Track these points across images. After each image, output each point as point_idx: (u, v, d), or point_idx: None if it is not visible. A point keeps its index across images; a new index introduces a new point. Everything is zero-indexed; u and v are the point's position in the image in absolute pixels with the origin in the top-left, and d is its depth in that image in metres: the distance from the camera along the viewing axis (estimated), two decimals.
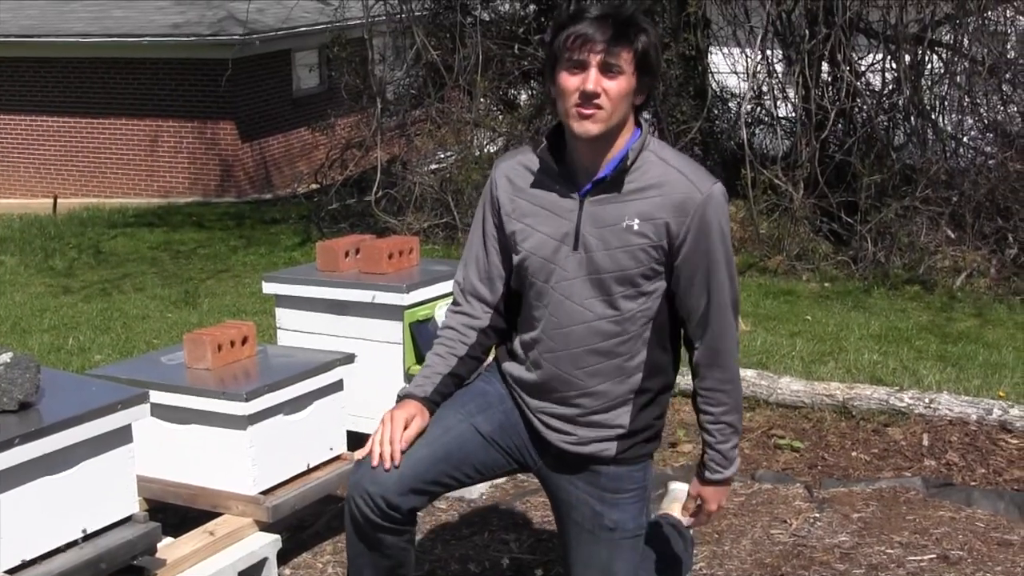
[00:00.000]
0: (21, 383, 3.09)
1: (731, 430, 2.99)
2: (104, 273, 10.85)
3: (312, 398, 3.95)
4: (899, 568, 3.93)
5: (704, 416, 2.99)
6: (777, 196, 10.23)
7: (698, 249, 2.81)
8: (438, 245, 10.69)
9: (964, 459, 4.88)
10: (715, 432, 2.98)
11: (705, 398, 2.97)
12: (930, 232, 9.80)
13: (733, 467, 3.03)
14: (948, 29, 10.90)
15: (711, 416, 2.97)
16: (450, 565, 4.05)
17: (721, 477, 3.02)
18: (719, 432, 2.98)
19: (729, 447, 2.99)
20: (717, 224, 2.81)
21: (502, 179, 2.99)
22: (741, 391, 3.02)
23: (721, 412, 2.97)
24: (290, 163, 18.27)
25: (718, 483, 3.03)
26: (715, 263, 2.83)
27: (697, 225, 2.79)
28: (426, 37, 11.68)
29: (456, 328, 3.05)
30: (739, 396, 3.00)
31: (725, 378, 2.95)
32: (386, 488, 2.85)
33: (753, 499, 4.55)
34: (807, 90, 10.37)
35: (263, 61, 17.71)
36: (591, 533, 2.99)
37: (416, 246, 4.79)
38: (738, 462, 3.06)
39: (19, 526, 3.00)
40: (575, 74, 2.75)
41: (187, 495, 3.87)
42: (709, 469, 3.01)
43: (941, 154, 10.62)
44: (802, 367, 6.35)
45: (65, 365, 6.88)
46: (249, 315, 8.10)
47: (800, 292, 9.08)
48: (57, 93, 18.20)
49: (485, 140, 11.89)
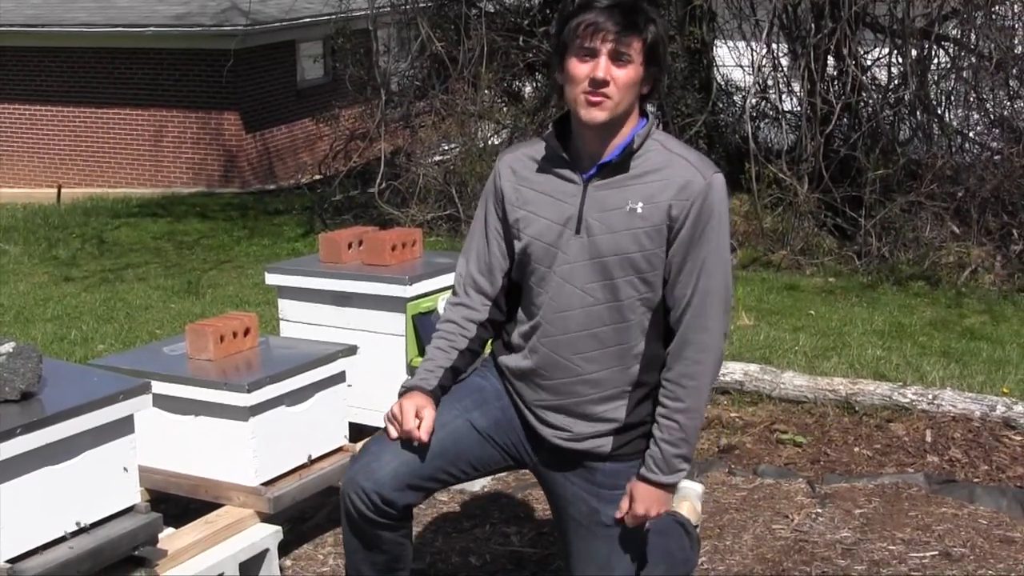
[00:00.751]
0: (23, 373, 3.09)
1: (680, 433, 2.84)
2: (107, 263, 10.84)
3: (314, 390, 3.95)
4: (901, 564, 3.93)
5: (659, 409, 2.86)
6: (781, 190, 10.21)
7: (695, 233, 2.79)
8: (441, 237, 10.68)
9: (967, 456, 4.87)
10: (663, 427, 2.85)
11: (665, 389, 2.86)
12: (935, 228, 9.77)
13: (671, 476, 2.86)
14: (955, 24, 10.87)
15: (664, 410, 2.85)
16: (451, 558, 4.04)
17: (655, 479, 2.85)
18: (667, 429, 2.84)
19: (673, 452, 2.84)
20: (718, 212, 2.80)
21: (506, 169, 3.00)
22: (704, 400, 2.88)
23: (675, 408, 2.84)
24: (294, 154, 18.26)
25: (651, 483, 2.86)
26: (710, 250, 2.80)
27: (698, 209, 2.78)
28: (431, 28, 11.67)
29: (456, 321, 3.05)
30: (700, 401, 2.86)
31: (688, 372, 2.83)
32: (381, 484, 2.85)
33: (755, 494, 4.54)
34: (812, 84, 10.34)
35: (267, 52, 17.71)
36: (588, 529, 2.98)
37: (419, 238, 4.78)
38: (680, 476, 2.88)
39: (20, 516, 3.00)
40: (585, 61, 2.77)
41: (188, 486, 3.87)
42: (646, 466, 2.87)
43: (947, 149, 10.59)
44: (805, 362, 6.34)
45: (68, 355, 6.88)
46: (252, 306, 8.10)
47: (804, 287, 9.06)
48: (61, 83, 18.21)
49: (489, 132, 11.88)
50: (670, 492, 2.91)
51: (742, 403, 5.50)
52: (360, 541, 2.96)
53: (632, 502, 2.88)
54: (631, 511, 2.89)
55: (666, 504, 2.92)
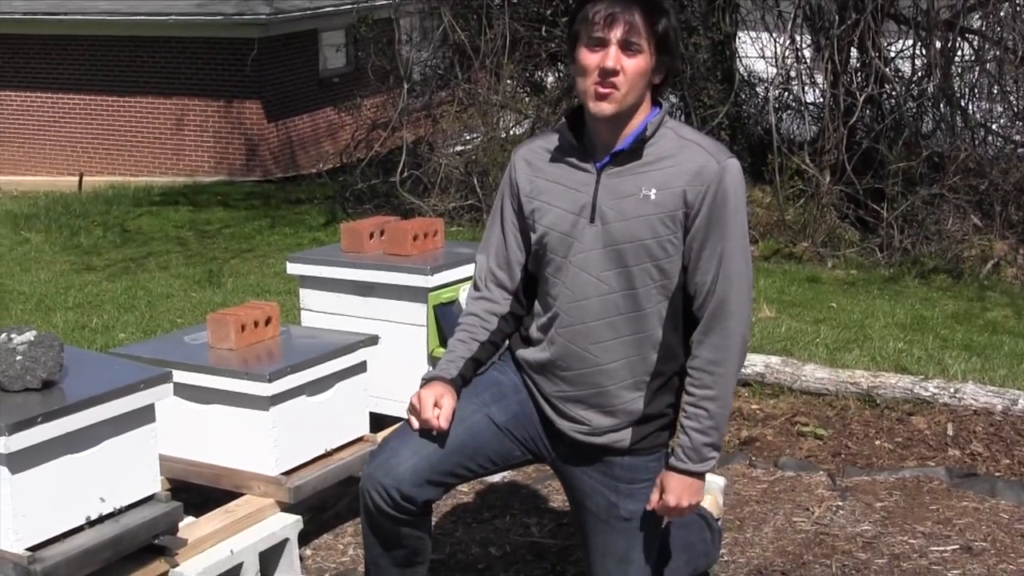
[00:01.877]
0: (44, 361, 3.10)
1: (709, 421, 2.83)
2: (129, 251, 10.88)
3: (335, 379, 3.96)
4: (921, 558, 3.91)
5: (686, 397, 2.87)
6: (804, 182, 10.17)
7: (712, 218, 2.78)
8: (463, 227, 10.67)
9: (988, 449, 4.85)
10: (692, 416, 2.84)
11: (691, 378, 2.86)
12: (958, 220, 9.72)
13: (702, 464, 2.86)
14: (980, 16, 10.81)
15: (692, 398, 2.85)
16: (471, 548, 4.04)
17: (684, 467, 2.85)
18: (696, 417, 2.83)
19: (703, 440, 2.84)
20: (733, 195, 2.80)
21: (521, 162, 3.01)
22: (732, 386, 2.87)
23: (703, 395, 2.83)
24: (316, 143, 18.28)
25: (682, 473, 2.86)
26: (729, 235, 2.80)
27: (713, 194, 2.78)
28: (453, 18, 11.65)
29: (478, 314, 3.06)
30: (727, 388, 2.85)
31: (715, 359, 2.83)
32: (400, 480, 2.85)
33: (776, 487, 4.53)
34: (835, 76, 10.30)
35: (290, 41, 17.72)
36: (606, 523, 2.97)
37: (441, 228, 4.78)
38: (710, 464, 2.87)
39: (41, 504, 3.02)
40: (595, 51, 2.76)
41: (209, 475, 3.88)
42: (675, 456, 2.87)
43: (970, 142, 10.53)
44: (827, 354, 6.32)
45: (89, 343, 6.90)
46: (273, 295, 8.11)
47: (825, 279, 9.03)
48: (83, 71, 18.27)
49: (511, 122, 11.88)
50: (701, 481, 2.91)
51: (763, 395, 5.49)
52: (379, 536, 2.96)
53: (664, 493, 2.88)
54: (662, 502, 2.88)
55: (698, 494, 2.91)
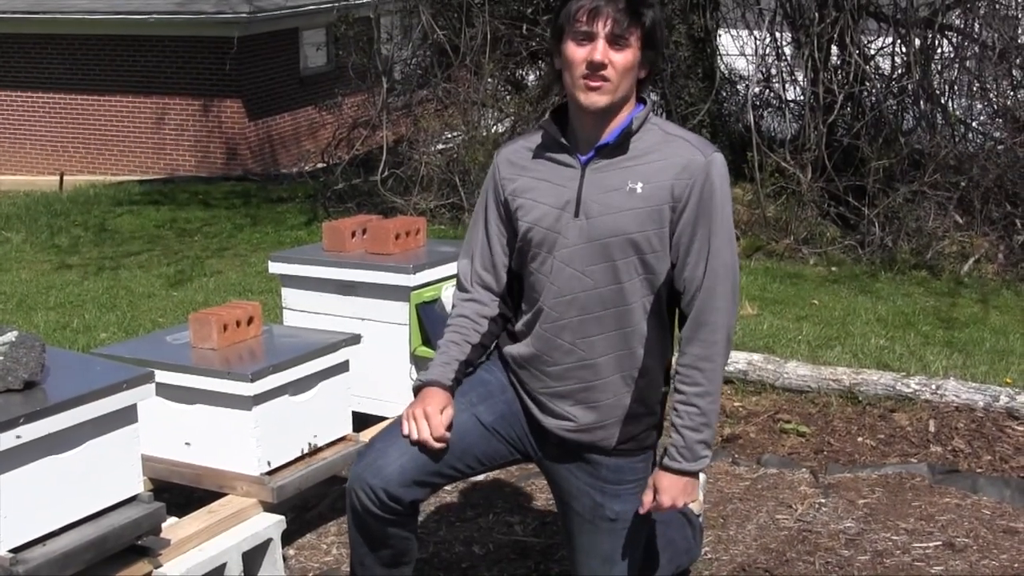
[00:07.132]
0: (26, 362, 3.08)
1: (701, 418, 2.83)
2: (109, 251, 10.84)
3: (317, 379, 3.95)
4: (904, 555, 3.92)
5: (676, 396, 2.86)
6: (784, 179, 10.19)
7: (700, 212, 2.79)
8: (445, 225, 10.67)
9: (970, 446, 4.87)
10: (683, 414, 2.84)
11: (681, 376, 2.85)
12: (938, 217, 9.76)
13: (695, 463, 2.85)
14: (959, 13, 10.85)
15: (682, 396, 2.84)
16: (454, 547, 4.04)
17: (677, 467, 2.84)
18: (687, 415, 2.83)
19: (695, 438, 2.83)
20: (720, 188, 2.80)
21: (504, 163, 3.01)
22: (720, 381, 2.87)
23: (694, 393, 2.83)
24: (296, 142, 18.25)
25: (676, 472, 2.85)
26: (716, 230, 2.80)
27: (701, 187, 2.78)
28: (433, 16, 11.65)
29: (469, 316, 3.05)
30: (717, 384, 2.85)
31: (704, 355, 2.83)
32: (388, 480, 2.84)
33: (758, 484, 4.54)
34: (816, 73, 10.32)
35: (270, 39, 17.69)
36: (592, 523, 2.98)
37: (423, 226, 4.77)
38: (704, 462, 2.87)
39: (23, 506, 3.00)
40: (583, 45, 2.76)
41: (192, 475, 3.86)
42: (668, 455, 2.86)
43: (950, 139, 10.57)
44: (808, 351, 6.34)
45: (70, 343, 6.88)
46: (255, 295, 8.09)
47: (807, 276, 9.05)
48: (63, 70, 18.20)
49: (492, 120, 11.86)
50: (696, 480, 2.90)
51: (745, 393, 5.50)
52: (366, 537, 2.96)
53: (657, 493, 2.86)
54: (656, 503, 2.87)
55: (692, 493, 2.90)
